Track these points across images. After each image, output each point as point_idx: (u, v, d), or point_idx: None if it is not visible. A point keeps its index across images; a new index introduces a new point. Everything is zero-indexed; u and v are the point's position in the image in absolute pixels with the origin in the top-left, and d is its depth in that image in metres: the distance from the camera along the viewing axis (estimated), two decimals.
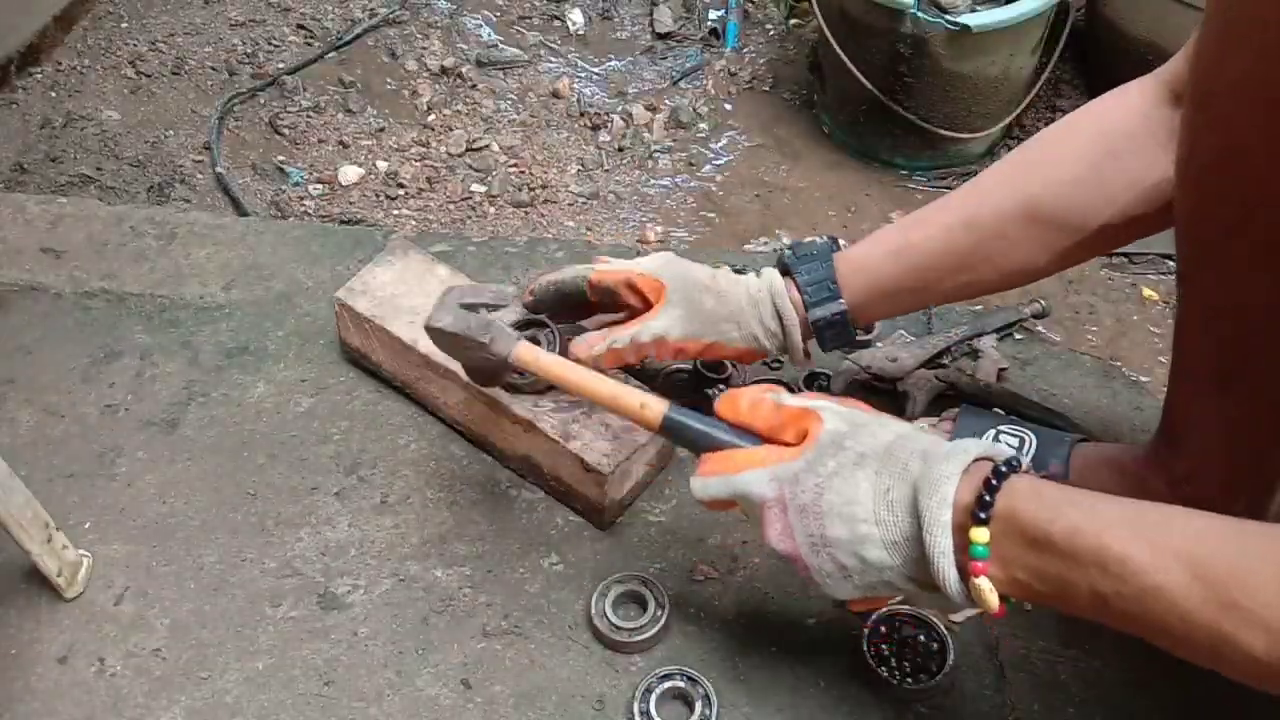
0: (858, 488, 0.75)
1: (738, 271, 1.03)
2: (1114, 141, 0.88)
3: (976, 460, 0.73)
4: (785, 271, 1.00)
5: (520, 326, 1.01)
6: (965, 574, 0.71)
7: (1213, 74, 0.71)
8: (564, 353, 0.99)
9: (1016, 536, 0.69)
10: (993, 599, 0.70)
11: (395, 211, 2.02)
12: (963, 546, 0.70)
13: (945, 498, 0.71)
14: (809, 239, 1.00)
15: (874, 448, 0.76)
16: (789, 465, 0.78)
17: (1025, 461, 0.73)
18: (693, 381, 1.17)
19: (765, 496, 0.78)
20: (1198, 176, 0.77)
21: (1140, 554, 0.63)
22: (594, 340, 0.98)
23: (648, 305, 0.99)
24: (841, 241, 1.01)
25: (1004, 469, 0.71)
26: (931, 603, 0.77)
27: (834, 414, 0.80)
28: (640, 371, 1.16)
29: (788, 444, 0.80)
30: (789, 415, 0.81)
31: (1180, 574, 0.62)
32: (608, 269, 1.01)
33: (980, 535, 0.70)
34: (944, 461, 0.73)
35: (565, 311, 1.04)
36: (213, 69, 2.26)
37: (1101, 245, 0.93)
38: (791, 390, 1.10)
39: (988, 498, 0.70)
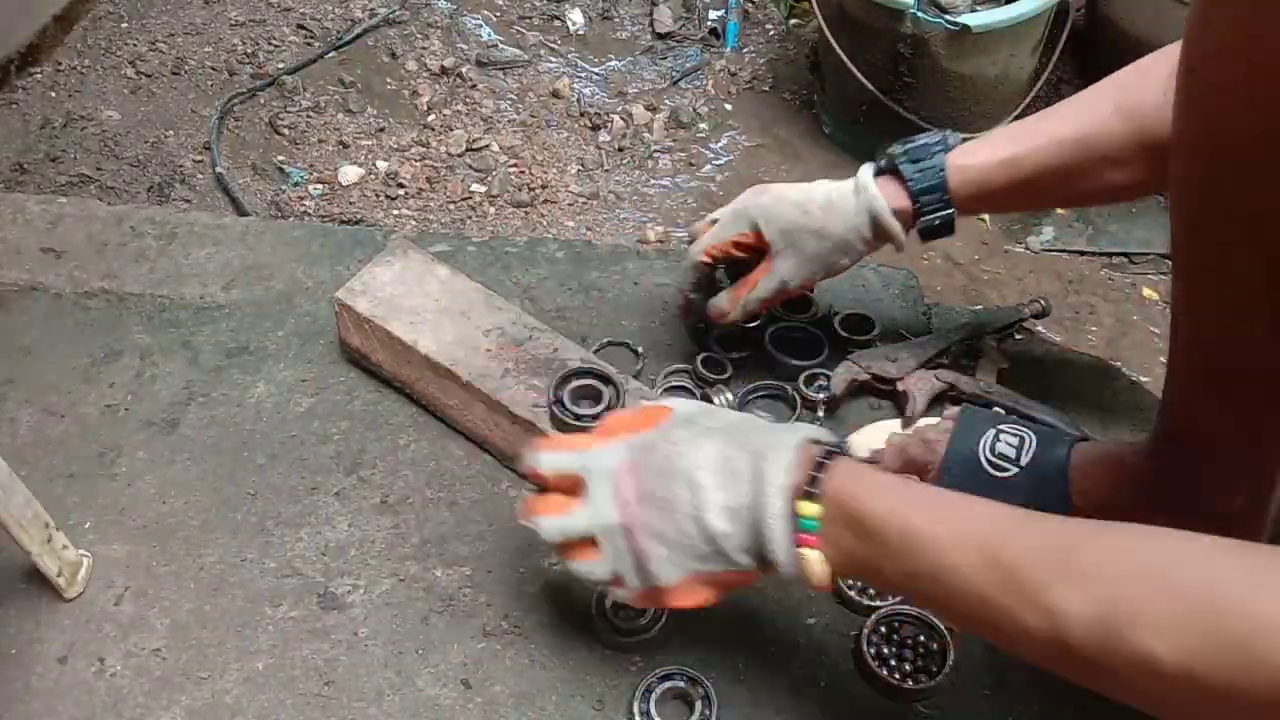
0: (704, 454, 0.79)
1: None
2: None
3: (814, 442, 0.78)
4: (890, 170, 1.05)
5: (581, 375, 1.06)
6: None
7: (1196, 42, 0.71)
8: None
9: (840, 515, 0.74)
10: (821, 570, 0.75)
11: (395, 211, 2.02)
12: (794, 521, 0.75)
13: (784, 464, 0.75)
14: (922, 139, 1.04)
15: (722, 423, 0.82)
16: (642, 436, 0.83)
17: (847, 447, 0.80)
18: (693, 382, 1.17)
19: (617, 462, 0.82)
20: (1188, 152, 0.77)
21: (939, 535, 0.69)
22: (727, 306, 1.10)
23: (757, 251, 1.08)
24: (950, 137, 1.04)
25: (834, 449, 0.76)
26: (762, 574, 0.80)
27: (685, 403, 0.86)
28: (640, 373, 1.16)
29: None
30: (645, 412, 0.86)
31: (972, 554, 0.67)
32: (708, 243, 1.10)
33: (809, 508, 0.74)
34: (783, 434, 0.78)
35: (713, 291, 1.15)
36: (213, 69, 2.26)
37: None
38: (792, 402, 1.14)
39: (818, 475, 0.75)
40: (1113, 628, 0.60)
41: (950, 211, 1.02)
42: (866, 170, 1.06)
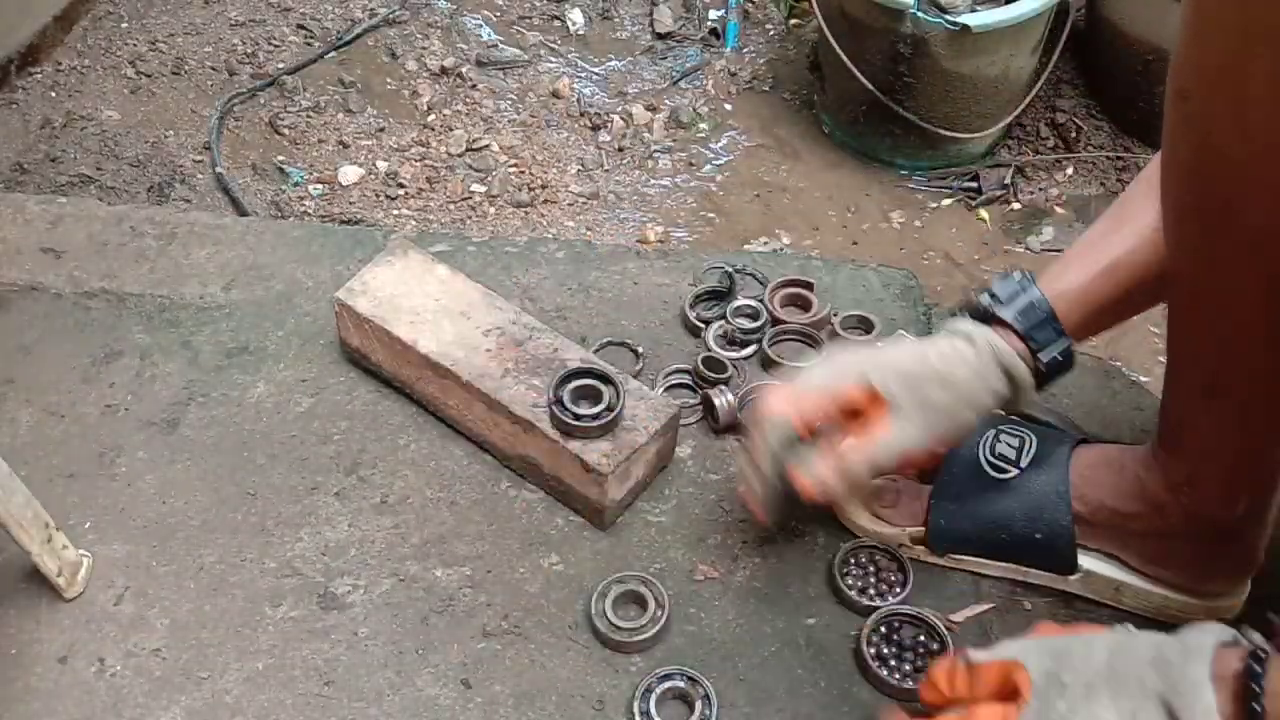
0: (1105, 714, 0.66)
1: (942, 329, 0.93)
2: None
3: (1221, 647, 0.66)
4: (987, 317, 0.92)
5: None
6: None
7: (1187, 67, 0.71)
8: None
9: None
10: None
11: (395, 211, 2.02)
12: None
13: (1209, 707, 0.63)
14: (1002, 278, 0.92)
15: (1096, 672, 0.69)
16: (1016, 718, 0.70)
17: (1263, 646, 0.66)
18: (693, 382, 1.17)
19: None
20: (1180, 176, 0.77)
21: None
22: (823, 472, 0.89)
23: (860, 408, 0.90)
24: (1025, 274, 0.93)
25: (1260, 657, 0.63)
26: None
27: (1032, 652, 0.73)
28: (640, 373, 1.16)
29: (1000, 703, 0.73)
30: (989, 673, 0.74)
31: None
32: (804, 407, 0.90)
33: None
34: (1185, 665, 0.65)
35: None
36: (213, 69, 2.26)
37: None
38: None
39: (1256, 707, 0.62)
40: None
41: (1067, 341, 0.90)
42: (965, 320, 0.92)
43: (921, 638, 0.96)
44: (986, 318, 0.92)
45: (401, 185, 2.06)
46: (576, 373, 1.05)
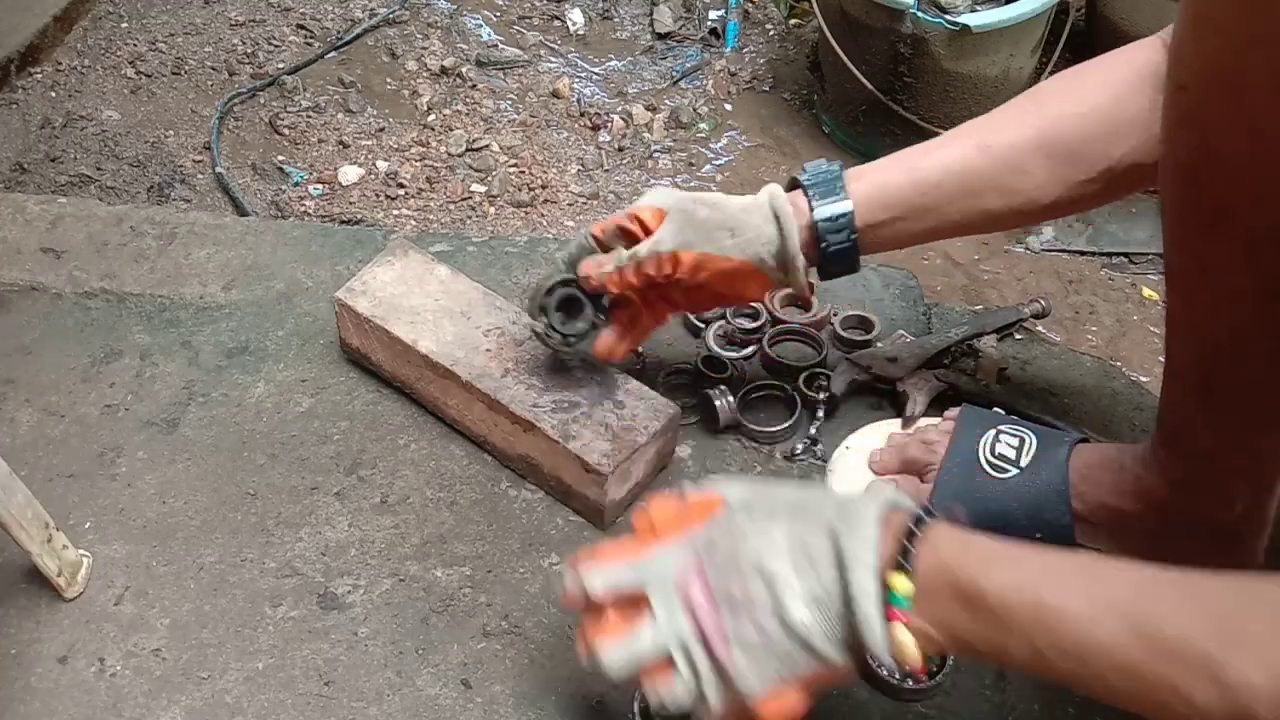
0: (773, 541, 0.72)
1: None
2: (1120, 85, 0.90)
3: (892, 510, 0.71)
4: (793, 186, 0.99)
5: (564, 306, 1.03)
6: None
7: (1186, 63, 0.71)
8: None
9: (947, 590, 0.66)
10: (913, 652, 0.67)
11: (395, 211, 2.02)
12: (885, 600, 0.68)
13: (868, 539, 0.69)
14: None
15: (783, 502, 0.74)
16: (699, 532, 0.75)
17: (936, 511, 0.71)
18: (693, 382, 1.17)
19: (682, 567, 0.74)
20: (1177, 174, 0.77)
21: (1077, 609, 0.61)
22: (603, 260, 0.98)
23: (647, 225, 0.99)
24: None
25: (922, 516, 0.69)
26: (857, 670, 0.73)
27: (733, 486, 0.78)
28: (640, 373, 1.16)
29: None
30: (694, 504, 0.79)
31: (1119, 628, 0.60)
32: (604, 221, 1.01)
33: (900, 584, 0.67)
34: (861, 506, 0.71)
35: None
36: (213, 69, 2.26)
37: (1104, 190, 0.93)
38: (791, 402, 1.10)
39: (909, 545, 0.68)
40: None
41: (847, 204, 0.95)
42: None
43: None
44: (791, 184, 0.99)
45: (401, 185, 2.06)
46: (559, 284, 1.02)
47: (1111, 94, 0.91)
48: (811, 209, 0.96)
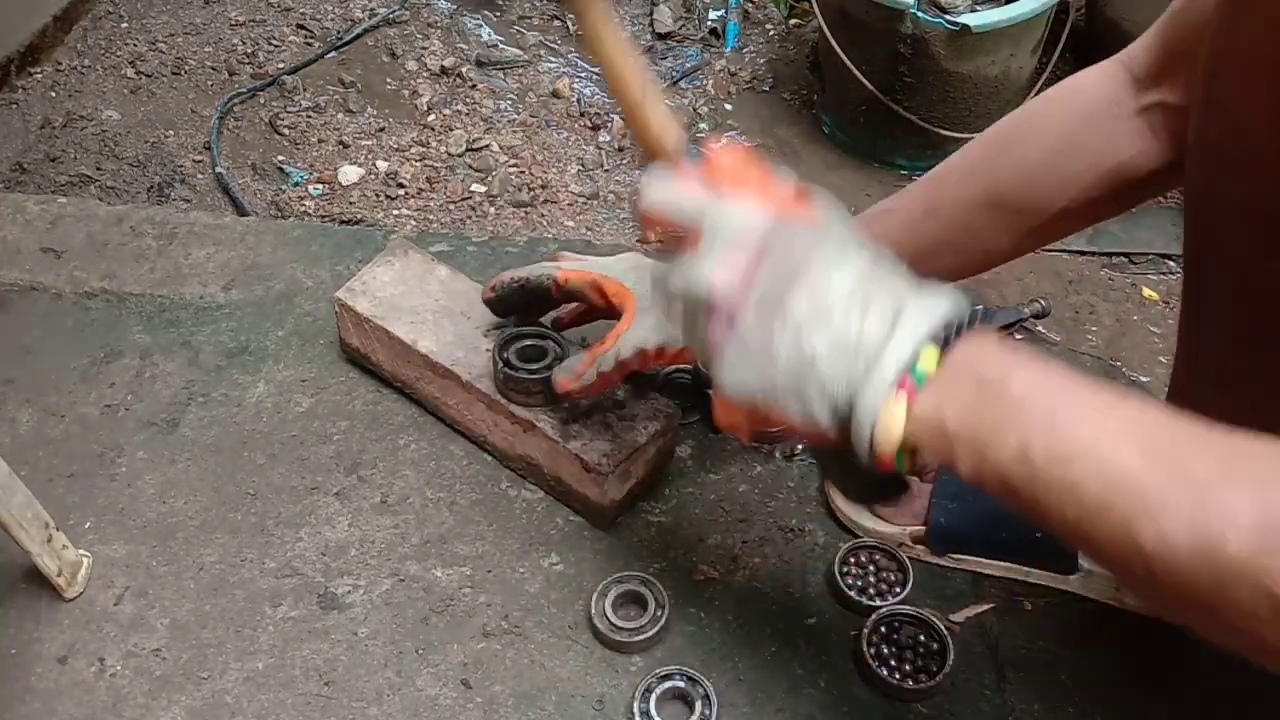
0: (844, 274, 0.67)
1: None
2: (1074, 125, 0.90)
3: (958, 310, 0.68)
4: None
5: (514, 339, 1.05)
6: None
7: (1223, 47, 0.71)
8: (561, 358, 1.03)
9: (968, 375, 0.64)
10: (897, 427, 0.64)
11: (395, 211, 2.02)
12: (909, 365, 0.65)
13: (932, 317, 0.65)
14: None
15: (870, 253, 0.69)
16: (789, 223, 0.69)
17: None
18: (694, 385, 1.16)
19: (749, 231, 0.69)
20: (1205, 156, 0.77)
21: (1093, 417, 0.60)
22: (580, 370, 0.98)
23: (611, 307, 1.00)
24: None
25: (982, 316, 0.70)
26: (815, 437, 0.69)
27: (838, 215, 0.73)
28: (642, 375, 1.16)
29: None
30: (792, 193, 0.73)
31: (1125, 438, 0.58)
32: (574, 269, 1.02)
33: (928, 356, 0.64)
34: (934, 288, 0.67)
35: (530, 307, 1.07)
36: (213, 69, 2.26)
37: (1059, 229, 0.95)
38: None
39: (953, 335, 0.65)
40: (1276, 537, 0.52)
41: None
42: None
43: (921, 638, 0.96)
44: None
45: (401, 185, 2.06)
46: (518, 335, 1.05)
47: (1065, 137, 0.90)
48: None
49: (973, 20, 1.91)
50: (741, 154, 0.75)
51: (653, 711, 0.92)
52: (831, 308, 0.66)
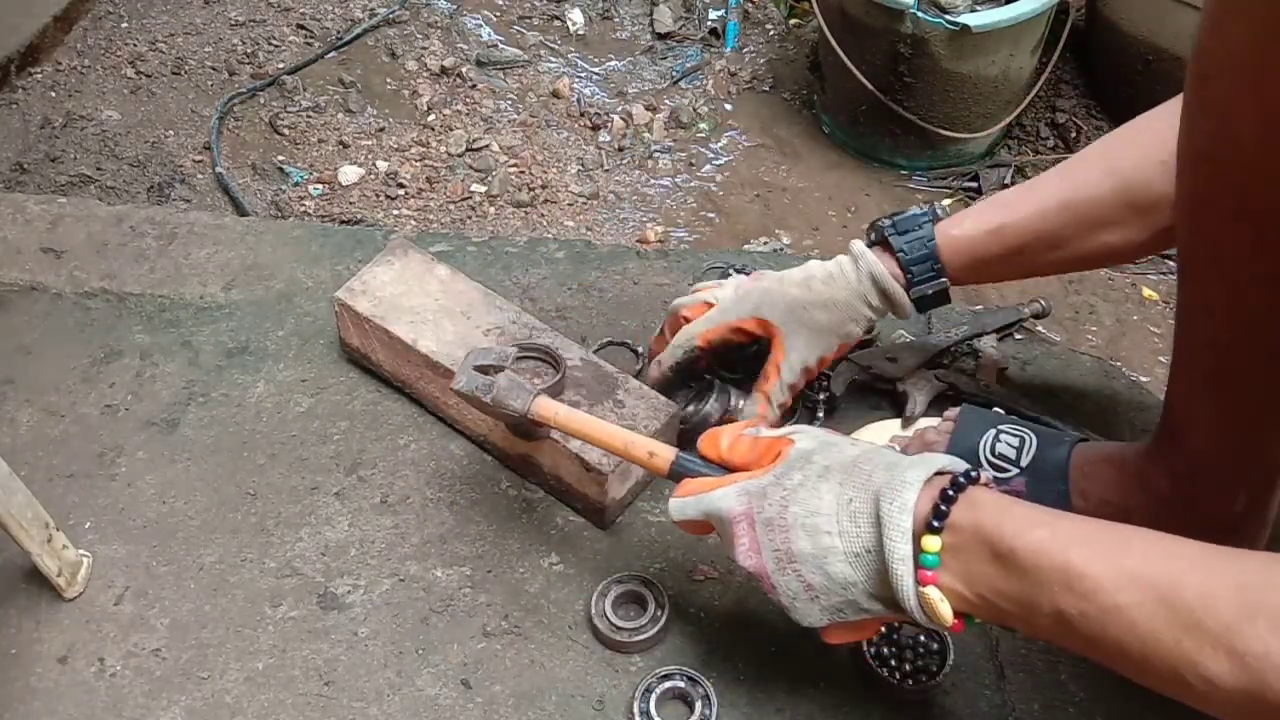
0: (821, 499, 0.76)
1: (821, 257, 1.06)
2: None
3: (940, 473, 0.74)
4: (880, 241, 1.02)
5: (688, 387, 1.09)
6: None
7: (1209, 52, 0.71)
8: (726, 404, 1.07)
9: (979, 550, 0.69)
10: (944, 610, 0.71)
11: (395, 211, 2.02)
12: (917, 559, 0.72)
13: (905, 504, 0.71)
14: (909, 210, 1.02)
15: (839, 460, 0.78)
16: (757, 480, 0.80)
17: (985, 475, 0.75)
18: (706, 384, 1.16)
19: (734, 511, 0.80)
20: (1195, 161, 0.77)
21: (1104, 573, 0.63)
22: (761, 410, 1.04)
23: (756, 334, 1.04)
24: (939, 208, 1.03)
25: (962, 480, 0.72)
26: (899, 619, 0.77)
27: (806, 435, 0.82)
28: (641, 373, 1.16)
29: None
30: (764, 445, 0.83)
31: (1142, 594, 0.61)
32: (704, 329, 1.05)
33: (931, 544, 0.70)
34: (907, 470, 0.74)
35: (691, 378, 1.09)
36: (213, 69, 2.26)
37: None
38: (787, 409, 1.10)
39: (943, 506, 0.70)
40: None
41: (943, 281, 1.00)
42: (858, 243, 1.04)
43: (921, 638, 0.96)
44: (881, 240, 1.02)
45: (401, 185, 2.06)
46: (522, 354, 1.05)
47: None
48: (910, 287, 1.01)
49: (973, 20, 1.91)
50: (714, 434, 0.86)
51: (653, 711, 0.92)
52: (829, 534, 0.75)
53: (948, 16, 1.92)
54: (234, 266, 1.31)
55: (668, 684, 0.93)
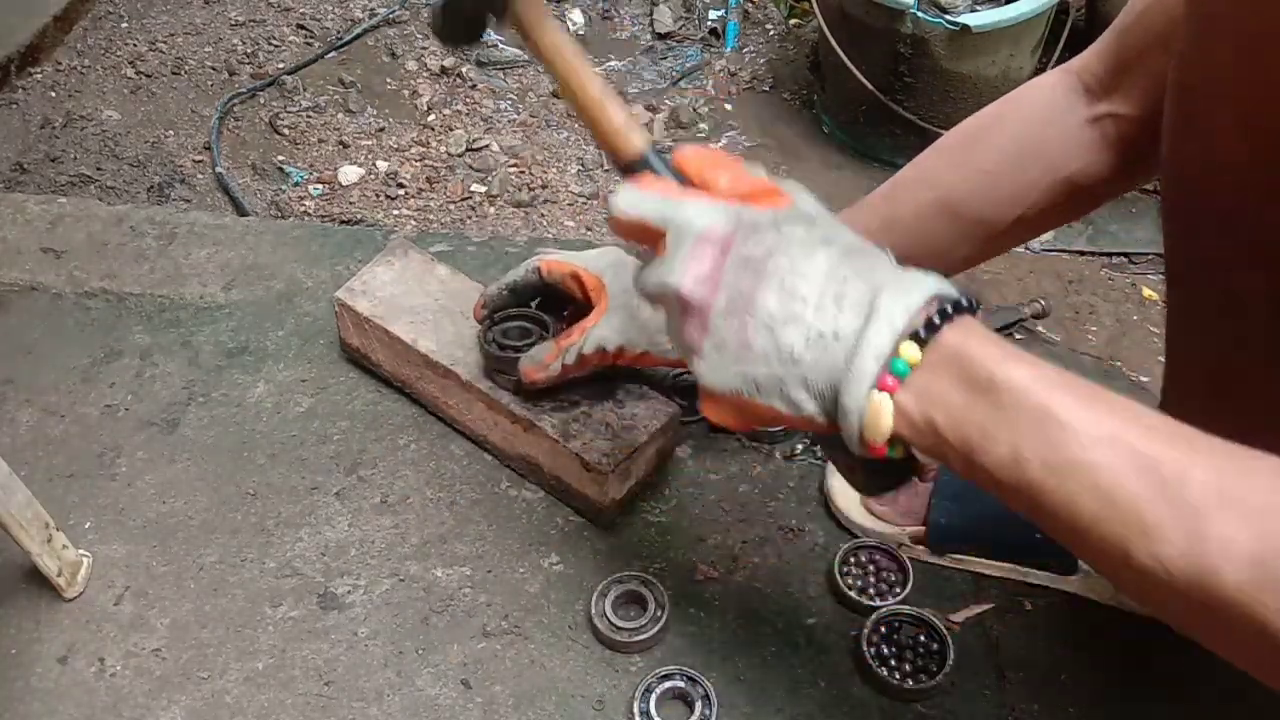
0: (813, 264, 0.65)
1: None
2: (1029, 135, 0.91)
3: (940, 294, 0.66)
4: None
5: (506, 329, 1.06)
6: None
7: (1193, 67, 0.71)
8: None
9: (955, 372, 0.62)
10: (884, 423, 0.63)
11: (395, 211, 2.02)
12: (889, 363, 0.63)
13: (910, 305, 0.63)
14: None
15: (843, 241, 0.68)
16: (753, 212, 0.68)
17: (981, 312, 0.67)
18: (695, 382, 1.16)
19: (712, 229, 0.68)
20: (1181, 173, 0.77)
21: (1083, 426, 0.58)
22: (546, 360, 1.00)
23: (588, 300, 1.02)
24: None
25: (963, 304, 0.64)
26: (804, 424, 0.68)
27: (807, 199, 0.72)
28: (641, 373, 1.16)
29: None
30: (762, 185, 0.72)
31: (1116, 456, 0.57)
32: (555, 259, 1.05)
33: (910, 351, 0.62)
34: (919, 277, 0.65)
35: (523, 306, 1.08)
36: (213, 69, 2.26)
37: (1017, 236, 0.95)
38: None
39: (937, 320, 0.63)
40: (1272, 572, 0.52)
41: None
42: None
43: (921, 638, 0.96)
44: None
45: (401, 185, 2.06)
46: (509, 316, 1.06)
47: (1018, 146, 0.91)
48: None
49: (973, 20, 1.91)
50: (709, 152, 0.75)
51: (653, 711, 0.92)
52: (804, 301, 0.65)
53: (948, 16, 1.93)
54: (234, 266, 1.31)
55: (668, 684, 0.93)
